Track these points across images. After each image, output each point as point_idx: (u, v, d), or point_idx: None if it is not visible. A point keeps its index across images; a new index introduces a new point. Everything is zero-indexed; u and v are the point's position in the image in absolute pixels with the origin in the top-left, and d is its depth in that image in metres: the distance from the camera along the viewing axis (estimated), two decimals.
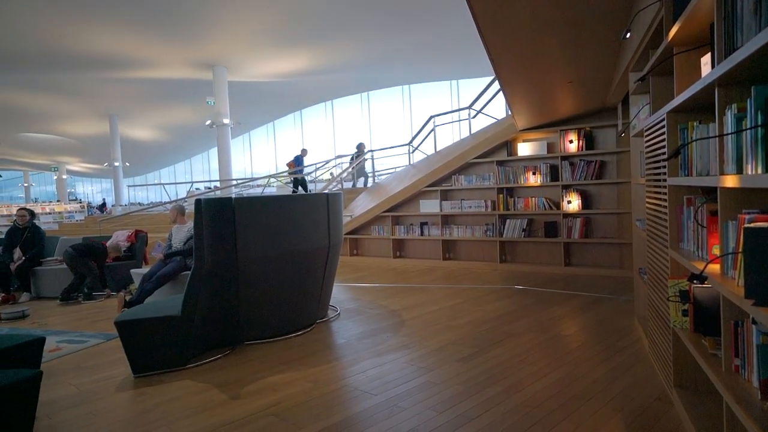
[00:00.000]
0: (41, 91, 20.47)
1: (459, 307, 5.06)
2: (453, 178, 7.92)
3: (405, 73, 20.35)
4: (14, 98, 21.26)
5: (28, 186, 42.42)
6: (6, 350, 2.85)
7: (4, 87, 19.42)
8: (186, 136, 30.26)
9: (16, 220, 7.08)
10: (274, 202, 4.21)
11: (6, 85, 19.20)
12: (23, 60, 15.55)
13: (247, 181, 17.95)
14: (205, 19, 13.09)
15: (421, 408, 2.73)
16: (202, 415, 2.79)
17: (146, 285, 5.25)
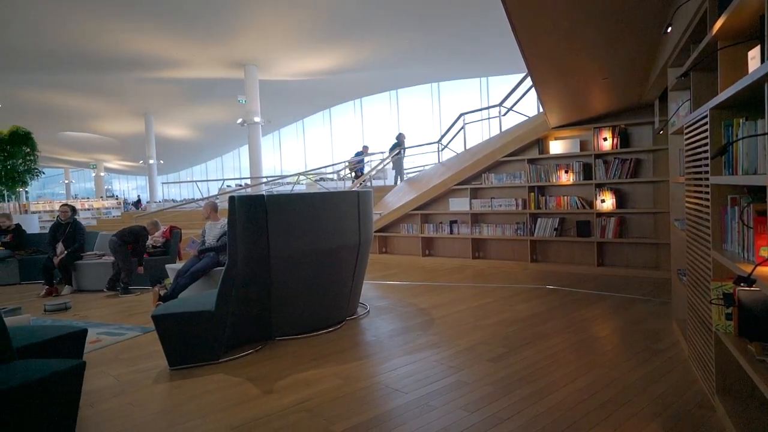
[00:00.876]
0: (80, 92, 21.11)
1: (489, 307, 5.02)
2: (483, 176, 7.85)
3: (434, 71, 20.24)
4: (55, 98, 22.00)
5: (69, 183, 43.86)
6: (52, 341, 2.96)
7: (47, 88, 20.10)
8: (218, 135, 30.79)
9: (58, 215, 7.32)
10: (305, 200, 4.25)
11: (48, 86, 19.88)
12: (64, 62, 16.07)
13: (277, 179, 18.16)
14: (237, 20, 13.28)
15: (452, 407, 2.72)
16: (236, 409, 2.84)
17: (180, 280, 5.37)
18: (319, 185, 14.96)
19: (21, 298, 6.68)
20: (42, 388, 2.29)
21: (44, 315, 5.62)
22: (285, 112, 26.53)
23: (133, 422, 2.73)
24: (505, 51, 16.27)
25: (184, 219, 12.89)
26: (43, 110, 23.50)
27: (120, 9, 12.25)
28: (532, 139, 7.34)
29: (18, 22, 12.90)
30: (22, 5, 11.82)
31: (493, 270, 7.24)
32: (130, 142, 31.33)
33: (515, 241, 7.53)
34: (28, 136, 16.80)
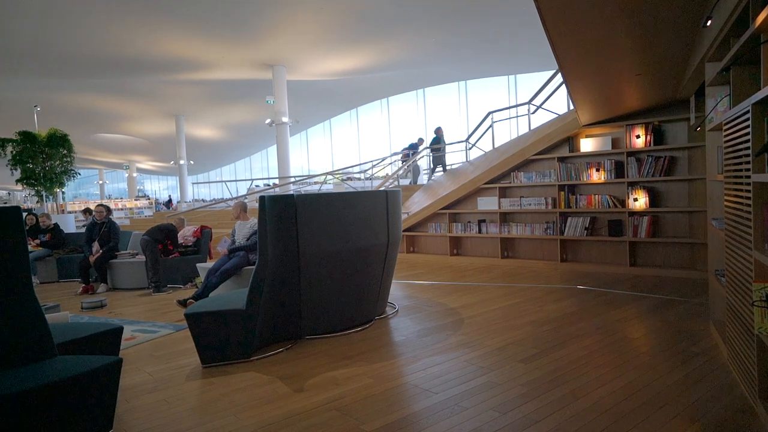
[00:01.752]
0: (115, 94, 21.67)
1: (519, 307, 4.96)
2: (512, 174, 7.77)
3: (461, 69, 20.12)
4: (90, 101, 22.64)
5: (103, 183, 45.09)
6: (89, 337, 3.04)
7: (82, 91, 20.70)
8: (246, 135, 31.22)
9: (94, 215, 7.53)
10: (334, 199, 4.27)
11: (84, 90, 20.47)
12: (100, 65, 16.52)
13: (304, 179, 18.30)
14: (265, 21, 13.43)
15: (484, 408, 2.70)
16: (267, 407, 2.87)
17: (211, 279, 5.46)
18: (346, 185, 15.03)
19: (59, 295, 6.89)
20: (82, 383, 2.36)
21: (81, 312, 5.78)
22: (312, 112, 26.75)
23: (168, 418, 2.79)
24: (534, 48, 16.08)
25: (214, 219, 13.11)
26: (79, 113, 24.21)
27: (154, 14, 12.53)
28: (562, 137, 7.23)
29: (56, 30, 13.32)
30: (60, 14, 12.20)
31: (523, 270, 7.16)
32: (162, 143, 32.03)
33: (545, 241, 7.42)
34: (65, 138, 17.34)
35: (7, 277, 2.60)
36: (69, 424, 2.38)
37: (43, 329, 2.66)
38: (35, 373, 2.37)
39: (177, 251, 7.14)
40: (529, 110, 8.82)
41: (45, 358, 2.63)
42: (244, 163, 39.64)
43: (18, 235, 2.66)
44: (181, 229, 7.42)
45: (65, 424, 2.36)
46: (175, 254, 7.19)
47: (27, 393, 2.22)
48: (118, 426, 2.67)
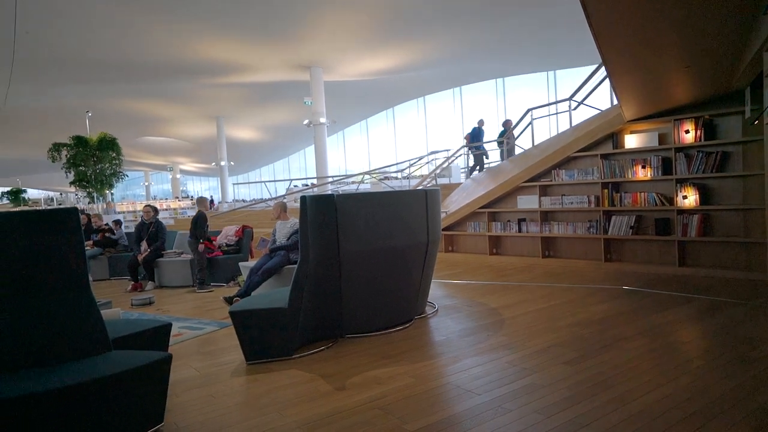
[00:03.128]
0: (158, 98, 22.39)
1: (562, 308, 4.86)
2: (553, 172, 7.61)
3: (499, 66, 19.87)
4: (137, 106, 23.46)
5: (149, 185, 46.64)
6: (140, 333, 3.15)
7: (129, 96, 21.47)
8: (284, 136, 31.71)
9: (142, 216, 7.80)
10: (374, 199, 4.28)
11: (131, 95, 21.23)
12: (146, 71, 17.11)
13: (342, 178, 18.45)
14: (303, 23, 13.60)
15: (528, 411, 2.66)
16: (310, 404, 2.90)
17: (253, 278, 5.57)
18: (383, 184, 15.06)
19: (111, 292, 7.16)
20: (136, 377, 2.44)
21: (131, 309, 6.00)
22: (349, 112, 26.94)
23: (215, 413, 2.86)
24: (574, 43, 15.73)
25: (255, 219, 13.36)
26: (126, 117, 25.12)
27: (196, 20, 12.88)
28: (605, 134, 7.03)
29: (104, 39, 13.86)
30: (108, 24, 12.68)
31: (565, 269, 7.01)
32: (203, 144, 32.88)
33: (588, 240, 7.25)
34: (114, 142, 18.06)
35: (66, 274, 2.72)
36: (123, 417, 2.47)
37: (99, 325, 2.77)
38: (93, 367, 2.47)
39: (213, 247, 7.29)
40: (570, 106, 8.63)
41: (101, 353, 2.74)
42: (282, 164, 40.28)
43: (76, 234, 2.78)
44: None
45: (120, 416, 2.46)
46: (217, 253, 7.37)
47: (85, 385, 2.31)
48: (168, 419, 2.75)
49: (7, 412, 2.19)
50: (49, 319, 2.65)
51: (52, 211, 2.80)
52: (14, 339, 2.58)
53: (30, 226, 2.69)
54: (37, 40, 13.34)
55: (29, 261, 2.66)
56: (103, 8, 11.92)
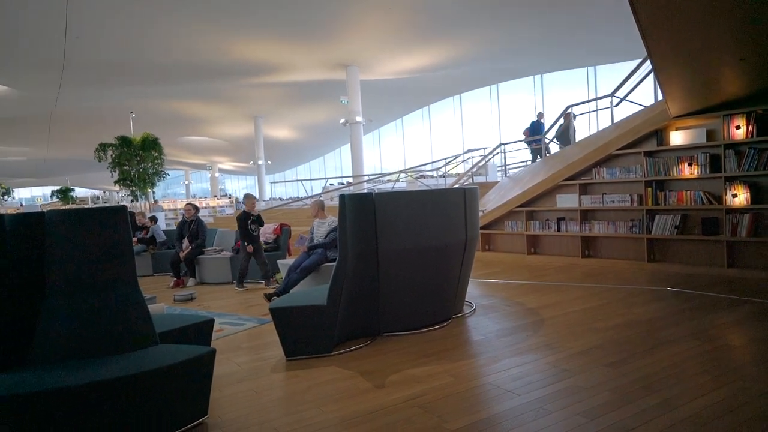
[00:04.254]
0: (198, 99, 22.95)
1: (603, 308, 4.74)
2: (593, 170, 7.43)
3: (537, 62, 19.53)
4: (178, 106, 24.11)
5: (188, 183, 47.86)
6: (184, 328, 3.25)
7: (171, 97, 22.09)
8: (320, 135, 32.01)
9: (183, 214, 8.02)
10: (412, 197, 4.29)
11: (172, 96, 21.84)
12: (187, 73, 17.56)
13: (378, 177, 18.51)
14: (339, 22, 13.70)
15: (570, 413, 2.61)
16: (350, 401, 2.93)
17: (292, 276, 5.65)
18: (419, 182, 15.03)
19: (154, 288, 7.39)
20: (182, 370, 2.52)
21: (174, 304, 6.18)
22: (385, 111, 26.98)
23: (257, 407, 2.92)
24: (616, 38, 15.32)
25: (292, 217, 13.53)
26: (168, 117, 25.85)
27: (235, 22, 13.16)
28: (649, 130, 6.82)
29: (148, 42, 14.29)
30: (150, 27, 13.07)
31: (605, 270, 6.84)
32: (241, 144, 33.52)
33: (630, 240, 7.05)
34: (156, 142, 18.61)
35: (115, 270, 2.83)
36: (170, 408, 2.55)
37: (146, 319, 2.87)
38: (141, 360, 2.56)
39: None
40: (611, 103, 8.40)
41: (148, 346, 2.84)
42: (318, 163, 40.69)
43: (124, 232, 2.88)
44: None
45: (167, 408, 2.54)
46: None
47: (135, 377, 2.40)
48: (212, 412, 2.83)
49: (64, 401, 2.29)
50: (101, 313, 2.76)
51: (102, 209, 2.92)
52: (69, 332, 2.69)
53: (83, 224, 2.80)
54: (85, 45, 13.87)
55: (83, 257, 2.77)
56: (147, 13, 12.29)
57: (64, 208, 17.26)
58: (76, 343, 2.68)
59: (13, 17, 11.80)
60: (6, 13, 11.52)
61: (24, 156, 35.69)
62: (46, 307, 2.72)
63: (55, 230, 2.75)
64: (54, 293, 2.74)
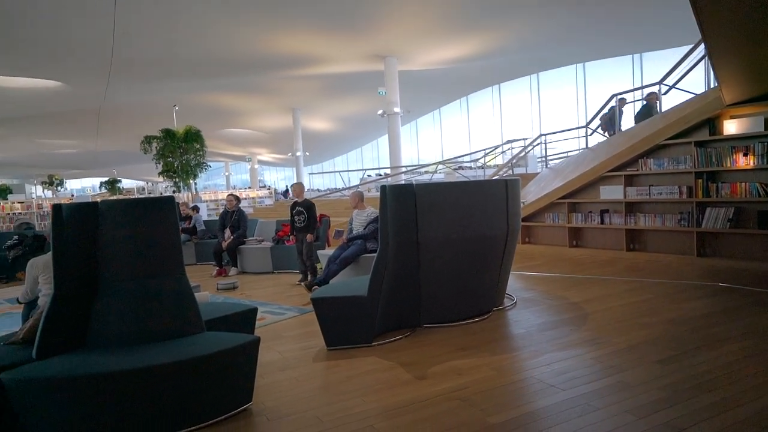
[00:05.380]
0: (239, 92, 23.32)
1: (650, 303, 4.59)
2: (640, 161, 7.18)
3: (579, 51, 18.96)
4: (219, 99, 24.58)
5: (228, 175, 48.87)
6: (229, 316, 3.32)
7: (212, 90, 22.54)
8: (358, 126, 32.09)
9: (225, 204, 8.19)
10: (453, 188, 4.24)
11: (213, 89, 22.27)
12: (228, 66, 17.86)
13: (416, 168, 18.43)
14: (377, 13, 13.64)
15: (617, 410, 2.54)
16: (391, 391, 2.93)
17: (332, 266, 5.69)
18: (457, 174, 14.89)
19: (198, 277, 7.57)
20: (229, 357, 2.57)
21: (217, 293, 6.33)
22: (422, 102, 26.79)
23: (300, 395, 2.96)
24: (663, 21, 14.72)
25: (330, 207, 13.62)
26: (209, 110, 26.39)
27: (274, 15, 13.29)
28: (700, 119, 6.53)
29: (190, 37, 14.60)
30: (192, 22, 13.34)
31: (652, 263, 6.62)
32: (280, 135, 33.92)
33: (678, 233, 6.79)
34: (198, 134, 19.02)
35: (164, 259, 2.91)
36: (217, 394, 2.61)
37: (193, 307, 2.94)
38: (190, 346, 2.63)
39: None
40: (659, 91, 8.09)
41: (195, 333, 2.91)
42: (355, 154, 40.84)
43: (172, 221, 2.96)
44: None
45: (214, 393, 2.60)
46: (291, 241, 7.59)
47: (183, 363, 2.47)
48: (256, 399, 2.88)
49: (116, 384, 2.38)
50: (151, 300, 2.84)
51: (152, 199, 3.00)
52: (122, 317, 2.79)
53: (134, 213, 2.89)
54: (132, 42, 14.28)
55: (134, 245, 2.86)
56: (189, 10, 12.55)
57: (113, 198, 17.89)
58: (128, 329, 2.78)
59: (66, 17, 12.26)
60: (59, 13, 11.97)
61: (75, 149, 37.18)
62: (101, 294, 2.83)
63: (109, 219, 2.84)
64: (107, 280, 2.84)
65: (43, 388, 2.38)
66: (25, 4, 11.26)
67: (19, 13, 11.68)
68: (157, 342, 2.75)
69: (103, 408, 2.39)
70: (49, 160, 41.08)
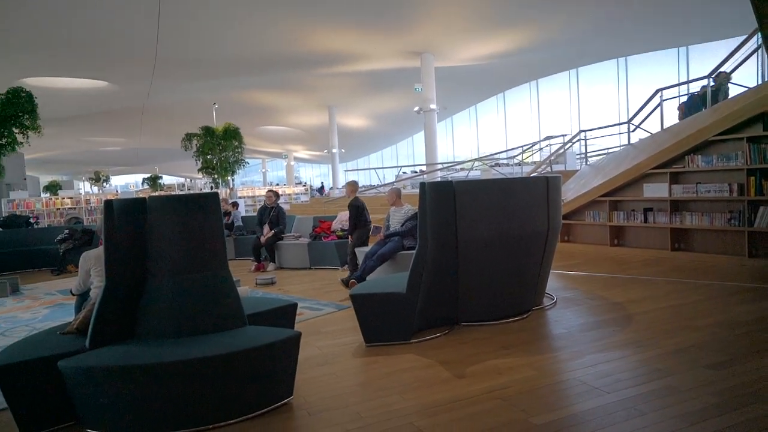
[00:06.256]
0: (276, 89, 23.66)
1: (698, 306, 4.43)
2: (686, 158, 6.93)
3: (621, 44, 18.42)
4: (257, 97, 25.00)
5: (265, 171, 49.64)
6: (270, 311, 3.37)
7: (250, 88, 22.94)
8: (393, 123, 32.09)
9: (264, 200, 8.32)
10: (493, 186, 4.19)
11: (251, 87, 22.67)
12: (266, 64, 18.15)
13: (452, 165, 18.31)
14: (414, 9, 13.58)
15: (666, 415, 2.46)
16: (430, 389, 2.92)
17: (368, 263, 5.71)
18: (494, 170, 14.72)
19: (237, 272, 7.73)
20: (271, 352, 2.61)
21: (255, 287, 6.43)
22: (458, 98, 26.58)
23: (339, 391, 2.98)
24: (711, 13, 14.16)
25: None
26: (247, 107, 26.87)
27: (312, 12, 13.40)
28: (754, 114, 6.24)
29: (229, 36, 14.89)
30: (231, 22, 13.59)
31: (699, 264, 6.38)
32: (316, 133, 34.26)
33: (728, 233, 6.53)
34: (236, 132, 19.37)
35: (209, 254, 2.97)
36: (258, 388, 2.66)
37: (237, 301, 3.00)
38: (233, 340, 2.68)
39: (334, 233, 7.59)
40: (708, 84, 7.79)
41: (238, 327, 2.97)
42: (390, 151, 40.86)
43: (216, 217, 3.02)
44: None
45: (255, 387, 2.64)
46: (332, 237, 7.66)
47: (228, 356, 2.52)
48: (296, 394, 2.91)
49: (163, 375, 2.45)
50: (196, 293, 2.91)
51: (197, 194, 3.07)
52: (168, 310, 2.87)
53: (180, 208, 2.96)
54: (174, 42, 14.66)
55: (180, 239, 2.93)
56: (228, 9, 12.80)
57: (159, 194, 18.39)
58: (174, 321, 2.85)
59: (114, 18, 12.68)
60: (107, 15, 12.39)
61: (119, 146, 38.49)
62: (148, 287, 2.91)
63: (156, 214, 2.92)
64: (155, 273, 2.92)
65: (95, 376, 2.47)
66: (76, 7, 11.70)
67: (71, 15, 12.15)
68: (202, 335, 2.82)
69: (150, 397, 2.47)
70: (96, 157, 42.70)
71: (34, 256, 9.10)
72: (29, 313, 5.69)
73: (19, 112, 9.69)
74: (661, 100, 8.63)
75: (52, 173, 48.68)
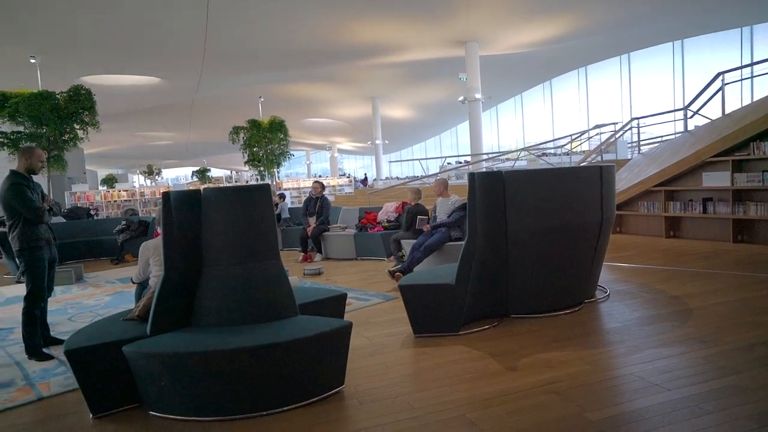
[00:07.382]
0: (319, 82, 23.83)
1: (763, 301, 4.19)
2: (752, 145, 6.56)
3: (676, 26, 17.55)
4: (301, 89, 25.28)
5: (309, 163, 50.30)
6: (320, 301, 3.42)
7: (295, 81, 23.21)
8: (437, 113, 31.83)
9: (311, 191, 8.43)
10: (543, 176, 4.09)
11: (296, 80, 22.93)
12: (310, 57, 18.30)
13: (498, 155, 18.01)
14: None
15: (734, 415, 2.34)
16: (480, 382, 2.89)
17: (416, 254, 5.70)
18: (541, 160, 14.39)
19: (285, 262, 7.79)
20: (323, 341, 2.64)
21: (303, 278, 6.54)
22: (504, 87, 26.09)
23: (388, 381, 2.99)
24: None
25: None
26: (292, 100, 27.23)
27: (355, 4, 13.40)
28: None
29: (275, 30, 15.09)
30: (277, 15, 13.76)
31: (764, 257, 6.05)
32: (360, 124, 34.39)
33: None
34: (282, 124, 19.65)
35: (261, 244, 3.03)
36: (311, 376, 2.70)
37: (288, 291, 3.05)
38: (286, 329, 2.73)
39: (380, 225, 7.62)
40: None
41: (290, 316, 3.02)
42: (434, 141, 40.61)
43: (268, 208, 3.07)
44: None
45: (308, 375, 2.69)
46: (378, 228, 7.69)
47: (282, 345, 2.56)
48: (347, 383, 2.94)
49: (218, 362, 2.52)
50: (250, 283, 2.98)
51: (249, 186, 3.13)
52: (223, 299, 2.95)
53: (233, 200, 3.03)
54: (222, 37, 14.99)
55: (233, 230, 3.01)
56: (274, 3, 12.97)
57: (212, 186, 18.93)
58: (229, 310, 2.93)
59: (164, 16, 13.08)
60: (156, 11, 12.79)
61: (170, 140, 39.82)
62: (204, 276, 3.00)
63: (211, 206, 3.00)
64: (210, 263, 3.00)
65: (155, 362, 2.57)
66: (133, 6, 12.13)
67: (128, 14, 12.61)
68: (256, 324, 2.88)
69: (206, 384, 2.55)
70: (148, 151, 44.33)
71: (94, 245, 9.55)
72: (93, 300, 5.98)
73: (80, 109, 10.14)
74: (723, 84, 8.20)
75: (108, 167, 50.92)
